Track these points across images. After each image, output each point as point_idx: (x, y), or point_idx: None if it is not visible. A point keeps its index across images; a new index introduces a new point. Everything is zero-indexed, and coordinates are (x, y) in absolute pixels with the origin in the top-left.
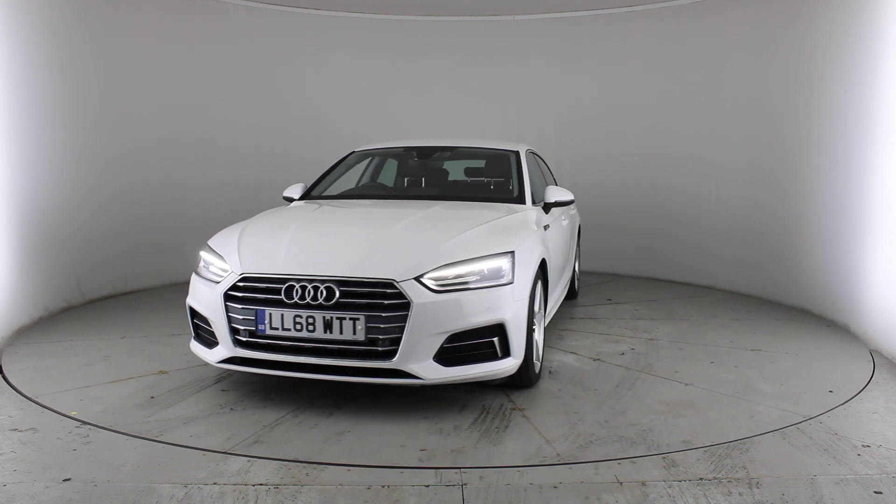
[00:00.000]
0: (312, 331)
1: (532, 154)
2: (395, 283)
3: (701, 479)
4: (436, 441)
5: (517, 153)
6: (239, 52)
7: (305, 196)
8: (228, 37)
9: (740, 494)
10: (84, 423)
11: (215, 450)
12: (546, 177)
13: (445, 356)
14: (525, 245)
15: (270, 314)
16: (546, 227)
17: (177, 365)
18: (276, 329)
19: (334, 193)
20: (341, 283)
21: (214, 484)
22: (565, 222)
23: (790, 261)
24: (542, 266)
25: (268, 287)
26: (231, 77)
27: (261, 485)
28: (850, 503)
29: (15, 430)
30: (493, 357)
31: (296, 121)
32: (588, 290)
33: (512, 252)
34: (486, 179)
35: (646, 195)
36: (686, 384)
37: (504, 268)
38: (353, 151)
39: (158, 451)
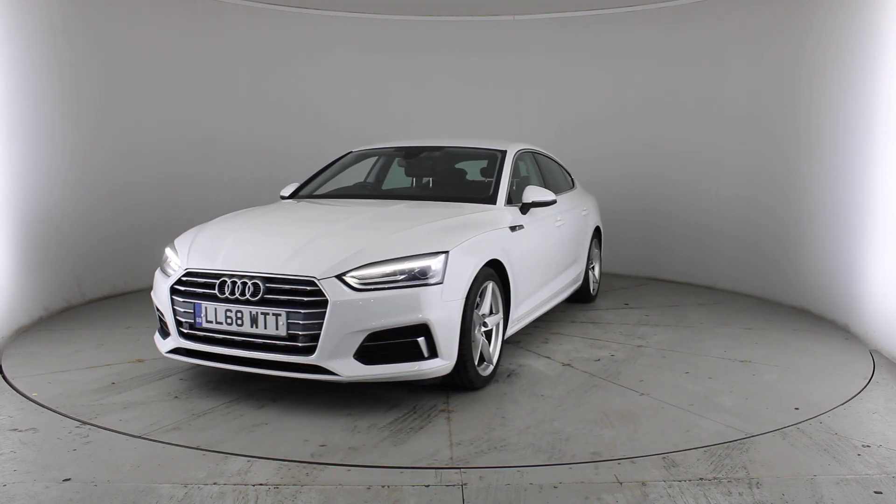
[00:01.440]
0: (241, 325)
1: (531, 154)
2: (315, 281)
3: (701, 479)
4: (341, 438)
5: (504, 153)
6: (239, 51)
7: (294, 194)
8: (228, 37)
9: (740, 494)
10: (31, 400)
11: (131, 433)
12: (549, 176)
13: (366, 354)
14: (465, 245)
15: (206, 308)
16: (515, 228)
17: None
18: (211, 322)
19: (321, 192)
20: (267, 279)
21: (214, 484)
22: (559, 223)
23: (790, 261)
24: (500, 268)
25: (205, 282)
26: (230, 76)
27: (261, 485)
28: (850, 503)
29: (15, 430)
30: (419, 357)
31: (296, 120)
32: (613, 294)
33: (446, 252)
34: (465, 179)
35: (646, 195)
36: (642, 394)
37: (434, 268)
38: (351, 151)
39: (158, 451)
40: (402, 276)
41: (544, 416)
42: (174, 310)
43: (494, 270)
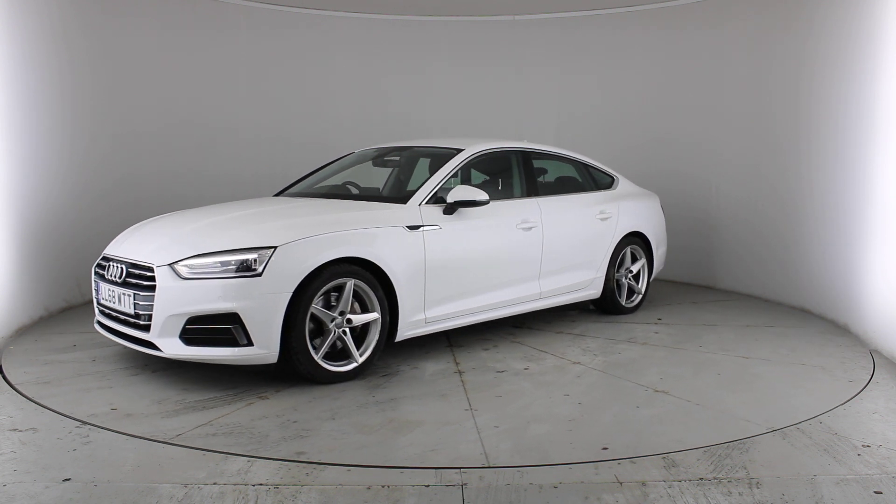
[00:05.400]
0: (114, 303)
1: (521, 153)
2: (153, 268)
3: (701, 479)
4: (135, 406)
5: (459, 152)
6: (239, 51)
7: (282, 192)
8: (228, 36)
9: (740, 494)
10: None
11: (10, 382)
12: (547, 177)
13: (190, 336)
14: (303, 241)
15: (101, 287)
16: (416, 228)
17: None
18: (103, 299)
19: (304, 191)
20: (130, 265)
21: (214, 484)
22: (528, 225)
23: (790, 261)
24: (377, 269)
25: (104, 265)
26: (230, 75)
27: (261, 485)
28: (850, 503)
29: (15, 430)
30: (237, 343)
31: (296, 118)
32: (668, 308)
33: (273, 247)
34: (402, 179)
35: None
36: (469, 409)
37: (256, 260)
38: (353, 152)
39: (158, 451)
40: (232, 266)
41: (330, 416)
42: (93, 288)
43: (369, 269)
